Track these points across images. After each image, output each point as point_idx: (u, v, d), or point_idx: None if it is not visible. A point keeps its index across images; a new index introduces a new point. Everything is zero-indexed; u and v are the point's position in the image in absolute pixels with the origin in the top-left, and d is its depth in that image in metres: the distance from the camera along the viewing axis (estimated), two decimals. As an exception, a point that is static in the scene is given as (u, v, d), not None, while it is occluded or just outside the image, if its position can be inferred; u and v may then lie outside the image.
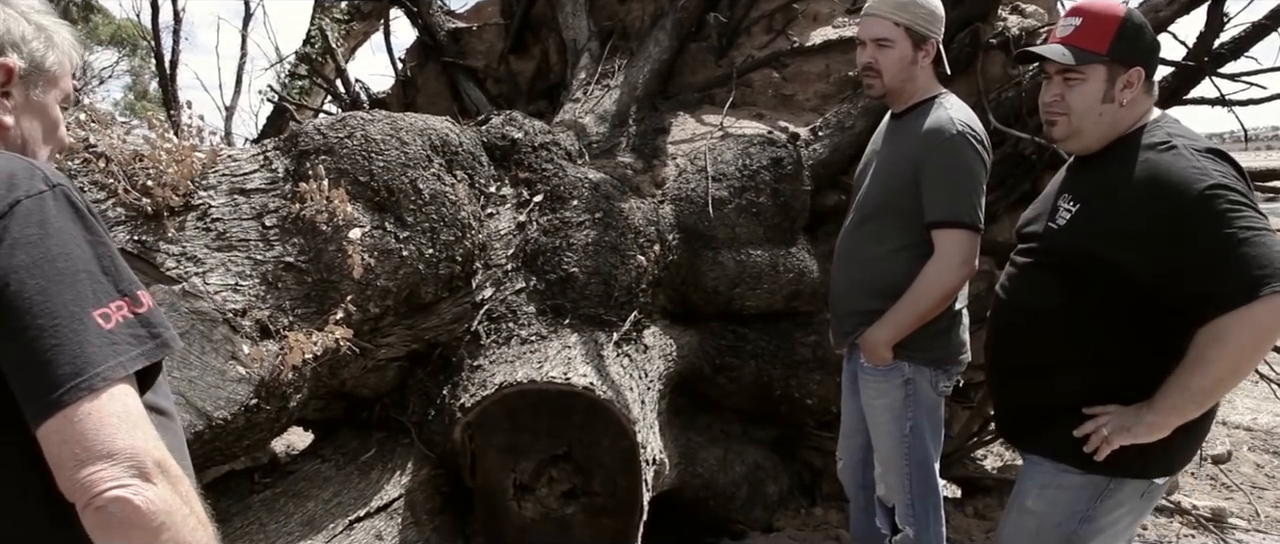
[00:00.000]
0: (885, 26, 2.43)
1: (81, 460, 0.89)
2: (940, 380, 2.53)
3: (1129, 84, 1.86)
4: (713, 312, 3.57)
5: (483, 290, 3.07)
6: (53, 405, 0.90)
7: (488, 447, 2.72)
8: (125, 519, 0.89)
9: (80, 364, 0.91)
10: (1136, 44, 1.86)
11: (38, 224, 0.94)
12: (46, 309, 0.91)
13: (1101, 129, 1.89)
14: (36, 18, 1.13)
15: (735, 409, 3.69)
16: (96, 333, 0.93)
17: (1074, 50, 1.87)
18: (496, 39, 5.35)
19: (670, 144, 3.94)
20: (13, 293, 0.91)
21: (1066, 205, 1.91)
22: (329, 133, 2.75)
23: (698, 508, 3.57)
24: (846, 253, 2.61)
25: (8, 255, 0.92)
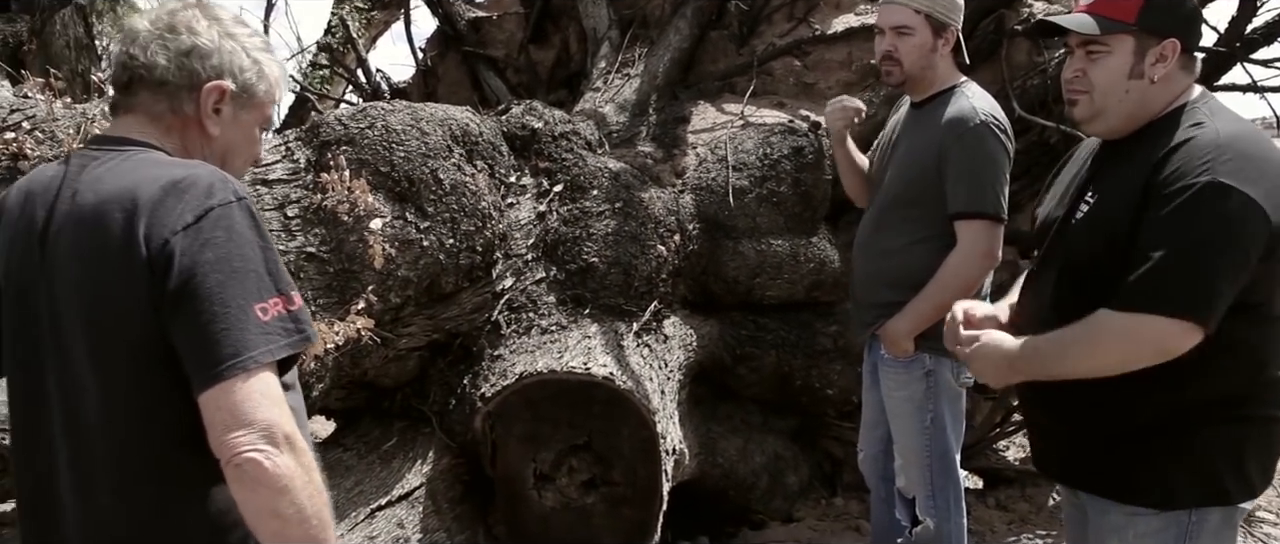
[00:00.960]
0: (905, 14, 2.39)
1: (228, 425, 1.09)
2: (962, 372, 2.48)
3: (1162, 57, 1.61)
4: (733, 301, 3.55)
5: (503, 280, 3.07)
6: (214, 377, 1.10)
7: (508, 436, 2.73)
8: (255, 478, 1.09)
9: (239, 347, 1.11)
10: (1172, 12, 1.61)
11: (225, 228, 1.15)
12: (221, 299, 1.12)
13: (1128, 108, 1.64)
14: (255, 53, 1.35)
15: (755, 399, 3.68)
16: (255, 323, 1.13)
17: (1099, 19, 1.62)
18: (517, 28, 5.34)
19: (690, 133, 3.92)
20: (197, 282, 1.12)
21: (1088, 199, 1.68)
22: (350, 123, 2.76)
23: (718, 498, 3.57)
24: (867, 243, 2.58)
25: (199, 251, 1.13)
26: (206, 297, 1.12)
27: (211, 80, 1.31)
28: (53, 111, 2.39)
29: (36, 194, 1.27)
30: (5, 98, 2.40)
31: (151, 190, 1.16)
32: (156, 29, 1.30)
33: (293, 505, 1.11)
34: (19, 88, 2.54)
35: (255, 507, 1.12)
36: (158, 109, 1.30)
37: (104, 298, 1.17)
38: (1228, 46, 3.78)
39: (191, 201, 1.15)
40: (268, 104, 1.39)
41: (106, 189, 1.19)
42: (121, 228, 1.15)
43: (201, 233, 1.14)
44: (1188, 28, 1.64)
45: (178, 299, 1.12)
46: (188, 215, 1.14)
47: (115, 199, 1.17)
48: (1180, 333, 1.48)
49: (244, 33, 1.36)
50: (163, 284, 1.13)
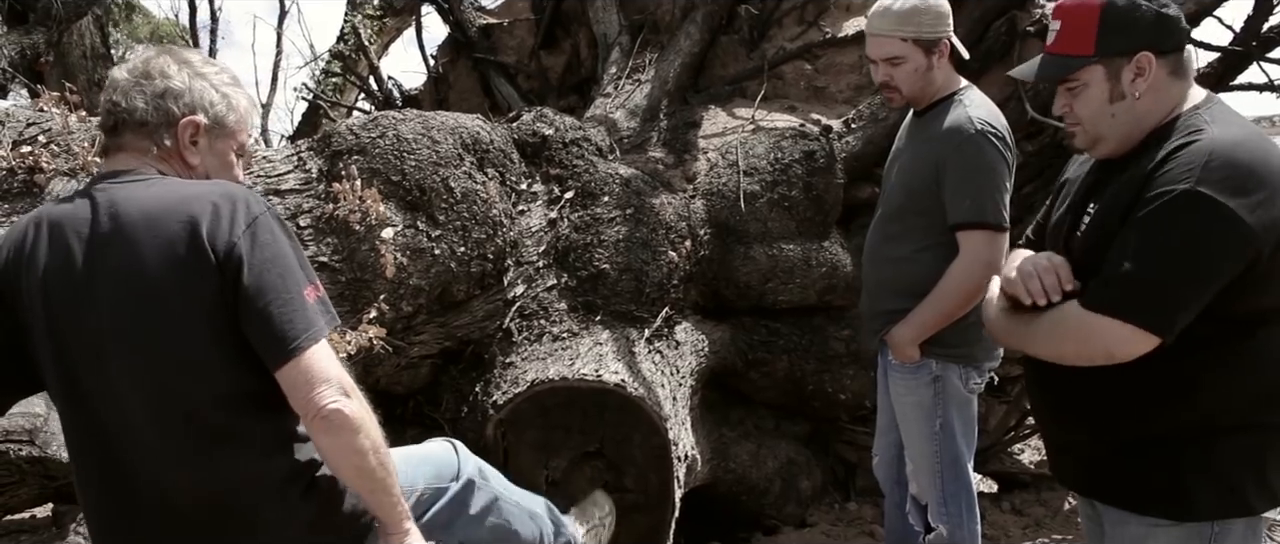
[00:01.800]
0: (893, 45, 2.35)
1: (312, 384, 1.35)
2: (971, 377, 2.48)
3: (1138, 72, 1.58)
4: (745, 307, 3.55)
5: (514, 287, 3.08)
6: (293, 351, 1.34)
7: (520, 443, 2.73)
8: (340, 424, 1.35)
9: (307, 324, 1.36)
10: (1130, 29, 1.58)
11: (269, 232, 1.38)
12: (283, 289, 1.36)
13: (1124, 129, 1.63)
14: (223, 88, 1.53)
15: (768, 404, 3.67)
16: (311, 306, 1.38)
17: (1060, 59, 1.64)
18: (527, 34, 5.37)
19: (701, 138, 3.92)
20: (261, 278, 1.35)
21: (1090, 210, 1.66)
22: (361, 133, 2.77)
23: (730, 503, 3.56)
24: (873, 252, 2.59)
25: (256, 253, 1.35)
26: (272, 289, 1.35)
27: (185, 116, 1.49)
28: (68, 125, 2.41)
29: (63, 221, 1.41)
30: (22, 112, 2.42)
31: (203, 204, 1.36)
32: (133, 77, 1.49)
33: (368, 439, 1.38)
34: (36, 101, 2.57)
35: (340, 447, 1.38)
36: (142, 145, 1.48)
37: (170, 295, 1.35)
38: (1243, 46, 3.74)
39: (240, 213, 1.37)
40: (239, 132, 1.57)
41: (149, 206, 1.38)
42: (183, 236, 1.34)
43: (255, 238, 1.36)
44: (1157, 34, 1.58)
45: (248, 293, 1.34)
46: (241, 224, 1.36)
47: (167, 212, 1.36)
48: (1131, 338, 1.49)
49: (212, 71, 1.54)
50: (233, 280, 1.34)
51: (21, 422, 2.08)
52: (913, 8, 2.32)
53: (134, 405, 1.38)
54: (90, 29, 8.25)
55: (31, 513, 2.67)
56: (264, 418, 1.42)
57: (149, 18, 16.24)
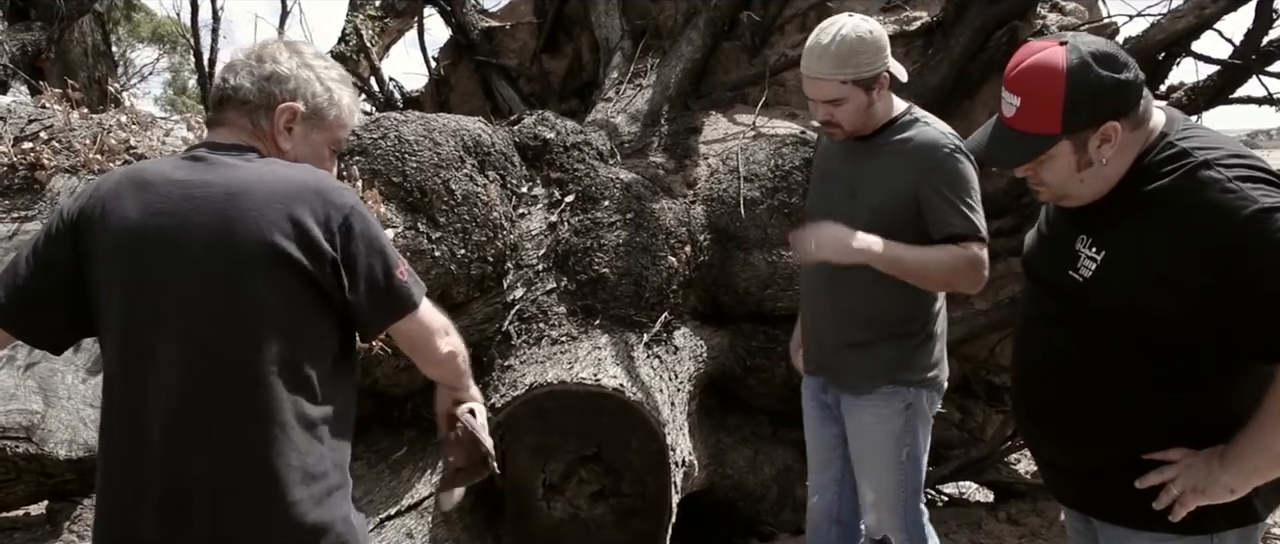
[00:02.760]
0: (833, 88, 2.25)
1: (433, 332, 1.61)
2: (936, 401, 2.45)
3: (1105, 140, 1.55)
4: (744, 312, 3.55)
5: (514, 291, 3.08)
6: (407, 310, 1.53)
7: (518, 447, 2.73)
8: (449, 358, 1.69)
9: (415, 292, 1.55)
10: (1097, 103, 1.53)
11: (363, 216, 1.48)
12: (387, 265, 1.49)
13: (1092, 188, 1.61)
14: (329, 82, 1.58)
15: (765, 410, 3.67)
16: (406, 280, 1.53)
17: (1024, 138, 1.58)
18: (529, 38, 5.37)
19: (702, 144, 3.92)
20: (365, 253, 1.47)
21: (1088, 251, 1.63)
22: (363, 134, 2.77)
23: (727, 509, 3.56)
24: (831, 281, 2.39)
25: (360, 233, 1.46)
26: (369, 270, 1.47)
27: (284, 101, 1.53)
28: (70, 122, 2.41)
29: (156, 183, 1.45)
30: (24, 108, 2.42)
31: (306, 190, 1.44)
32: (247, 58, 1.55)
33: (465, 362, 1.74)
34: (37, 97, 2.57)
35: (450, 371, 1.71)
36: (241, 122, 1.53)
37: (259, 268, 1.40)
38: (1243, 59, 3.76)
39: (343, 197, 1.47)
40: (338, 127, 1.62)
41: (249, 180, 1.43)
42: (286, 216, 1.40)
43: (357, 220, 1.46)
44: (1122, 102, 1.54)
45: (359, 268, 1.46)
46: (346, 207, 1.46)
47: (272, 188, 1.43)
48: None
49: (321, 65, 1.59)
50: (341, 253, 1.43)
51: (19, 418, 2.07)
52: (850, 49, 2.20)
53: (180, 373, 1.40)
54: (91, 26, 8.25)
55: (26, 511, 2.66)
56: (313, 403, 1.46)
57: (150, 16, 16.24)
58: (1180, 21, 3.71)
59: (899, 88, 2.38)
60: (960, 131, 4.19)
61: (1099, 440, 1.67)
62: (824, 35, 2.25)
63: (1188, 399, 1.57)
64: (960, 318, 3.97)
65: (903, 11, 4.44)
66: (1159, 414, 1.60)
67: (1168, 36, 3.76)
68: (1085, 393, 1.67)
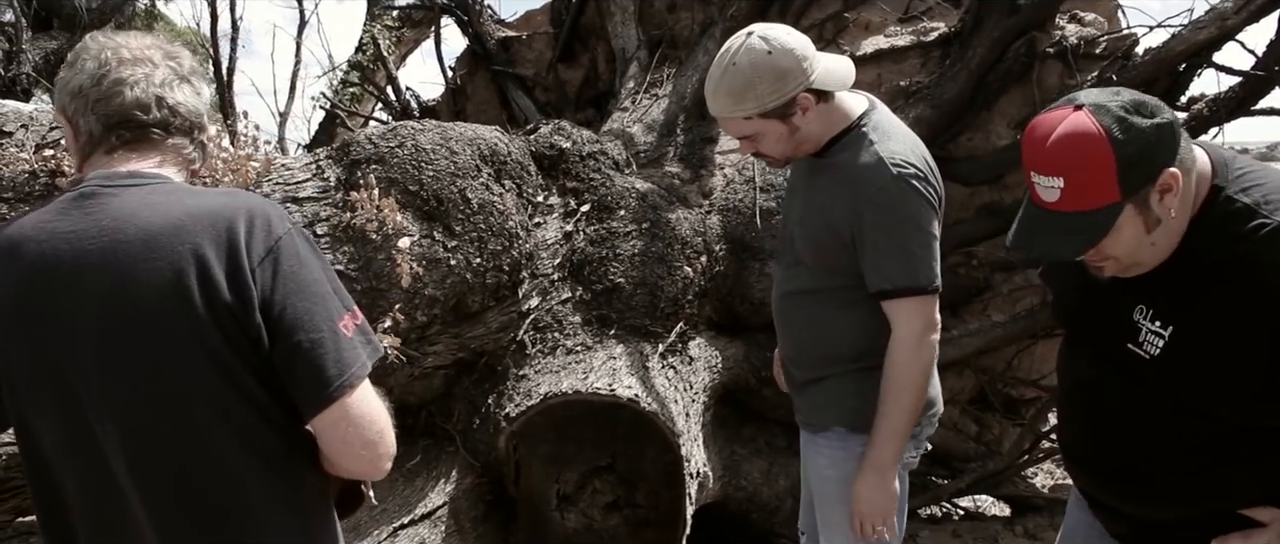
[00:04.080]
0: (737, 126, 1.97)
1: (349, 440, 1.22)
2: (908, 449, 2.07)
3: (1166, 189, 1.40)
4: (759, 323, 3.53)
5: (529, 300, 3.07)
6: (327, 399, 1.19)
7: (532, 456, 2.72)
8: (375, 475, 1.28)
9: (341, 367, 1.20)
10: (1150, 154, 1.38)
11: (293, 256, 1.21)
12: (312, 324, 1.19)
13: (1163, 250, 1.47)
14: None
15: (780, 422, 3.64)
16: (345, 341, 1.21)
17: (1083, 218, 1.41)
18: (546, 48, 5.39)
19: (718, 154, 3.92)
20: (287, 313, 1.18)
21: (1150, 326, 1.49)
22: (380, 142, 2.78)
23: (741, 521, 3.53)
24: (787, 310, 2.19)
25: (279, 283, 1.19)
26: (298, 325, 1.18)
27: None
28: (90, 129, 2.42)
29: (40, 236, 1.20)
30: (45, 116, 2.44)
31: (212, 224, 1.18)
32: (172, 74, 1.36)
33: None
34: (58, 105, 2.59)
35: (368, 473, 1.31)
36: (165, 145, 1.33)
37: (159, 336, 1.16)
38: (1265, 70, 3.72)
39: (258, 236, 1.20)
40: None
41: (148, 223, 1.18)
42: (183, 264, 1.15)
43: (279, 265, 1.19)
44: (1171, 149, 1.40)
45: (274, 331, 1.18)
46: (259, 249, 1.19)
47: (167, 232, 1.17)
48: None
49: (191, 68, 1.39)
50: (244, 320, 1.17)
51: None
52: (745, 83, 1.89)
53: (122, 462, 1.20)
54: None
55: (43, 515, 2.67)
56: (273, 483, 1.25)
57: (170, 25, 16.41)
58: (1202, 32, 3.68)
59: (906, 96, 2.16)
60: (978, 143, 4.21)
61: (1174, 500, 1.56)
62: (717, 65, 1.93)
63: (1269, 467, 1.45)
64: (976, 330, 3.95)
65: (920, 22, 4.42)
66: (1241, 480, 1.48)
67: (1189, 47, 3.73)
68: (1160, 460, 1.54)
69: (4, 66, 6.38)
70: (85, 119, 1.27)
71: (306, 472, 1.30)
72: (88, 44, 1.30)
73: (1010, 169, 4.08)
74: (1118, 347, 1.54)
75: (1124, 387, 1.57)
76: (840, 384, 2.07)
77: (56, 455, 1.23)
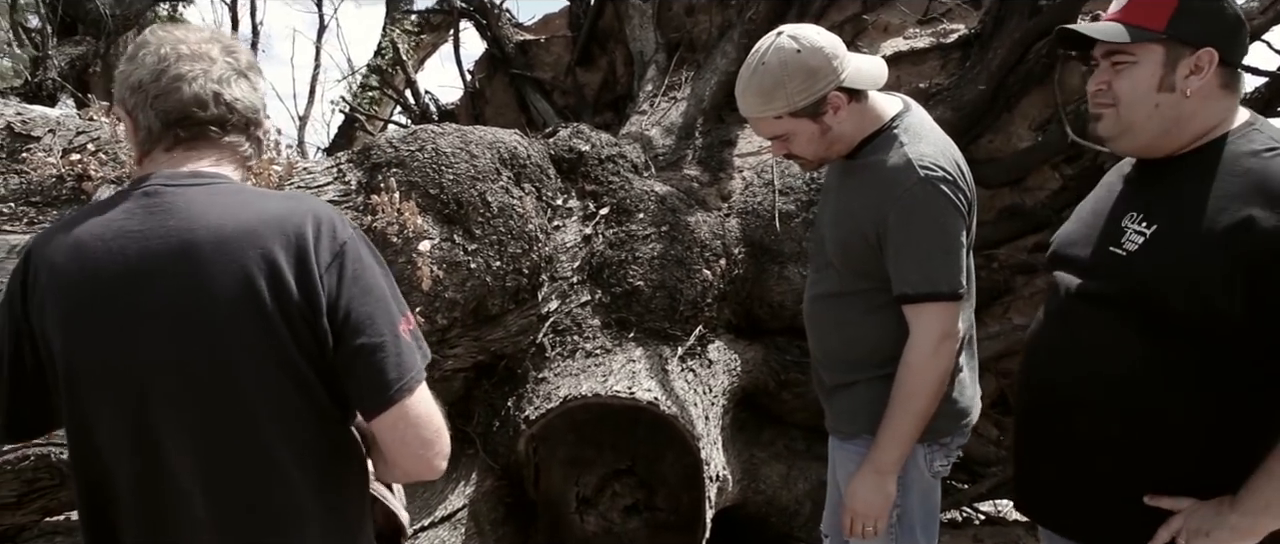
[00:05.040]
0: (768, 126, 1.97)
1: (410, 442, 1.23)
2: (936, 458, 2.06)
3: (1196, 69, 1.45)
4: (778, 326, 3.52)
5: (548, 303, 3.08)
6: (388, 401, 1.21)
7: (551, 459, 2.73)
8: (434, 474, 1.28)
9: (403, 370, 1.22)
10: (1207, 20, 1.45)
11: (357, 260, 1.23)
12: (376, 328, 1.21)
13: (1160, 124, 1.50)
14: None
15: (799, 425, 3.63)
16: (407, 344, 1.23)
17: (1126, 27, 1.49)
18: (564, 51, 5.40)
19: (737, 157, 3.91)
20: (352, 316, 1.21)
21: (1136, 226, 1.50)
22: (401, 146, 2.79)
23: (760, 524, 3.52)
24: (816, 314, 2.17)
25: (346, 289, 1.21)
26: (361, 328, 1.20)
27: (267, 114, 1.38)
28: (116, 134, 2.46)
29: (105, 234, 1.22)
30: (72, 120, 2.47)
31: (281, 228, 1.20)
32: (231, 68, 1.34)
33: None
34: (84, 110, 2.62)
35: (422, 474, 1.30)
36: (221, 143, 1.32)
37: (229, 335, 1.18)
38: (1292, 71, 3.68)
39: (325, 240, 1.22)
40: None
41: (218, 224, 1.19)
42: (253, 266, 1.17)
43: (345, 268, 1.21)
44: (1228, 39, 1.47)
45: (339, 333, 1.20)
46: (326, 254, 1.21)
47: (237, 234, 1.18)
48: None
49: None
50: (311, 321, 1.19)
51: (64, 425, 2.11)
52: (775, 82, 1.88)
53: (187, 464, 1.22)
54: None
55: (66, 516, 2.71)
56: (328, 489, 1.28)
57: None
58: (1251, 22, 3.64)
59: (925, 99, 2.13)
60: (999, 145, 4.18)
61: (1112, 449, 1.53)
62: (747, 66, 1.93)
63: (1225, 411, 1.44)
64: (997, 333, 3.92)
65: (940, 24, 4.40)
66: (1186, 426, 1.46)
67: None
68: (1105, 389, 1.53)
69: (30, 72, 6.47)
70: (144, 114, 1.27)
71: (355, 480, 1.33)
72: (148, 38, 1.30)
73: (1031, 171, 4.05)
74: (1100, 254, 1.55)
75: (1086, 301, 1.57)
76: (868, 391, 2.03)
77: (112, 455, 1.23)
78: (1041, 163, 4.03)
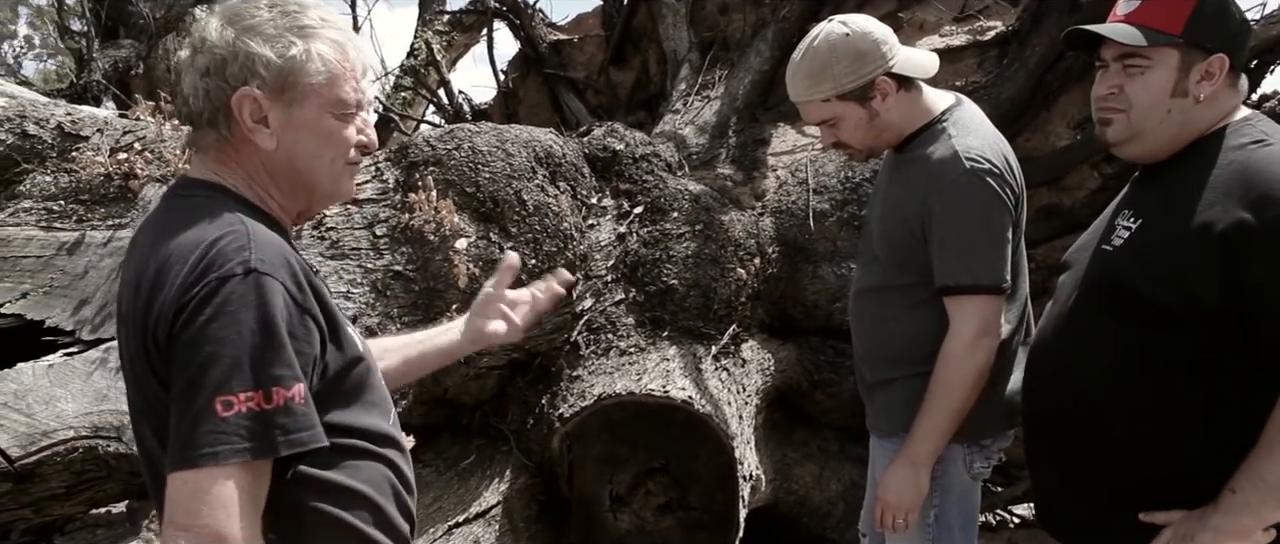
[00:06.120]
0: (816, 109, 1.97)
1: (172, 521, 1.03)
2: (976, 460, 2.04)
3: (1208, 74, 1.45)
4: (812, 326, 3.51)
5: (583, 301, 3.09)
6: (171, 464, 1.04)
7: (585, 457, 2.74)
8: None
9: (186, 445, 1.03)
10: (1221, 24, 1.46)
11: (214, 307, 1.05)
12: (192, 384, 1.04)
13: (1170, 130, 1.48)
14: (284, 32, 1.18)
15: (832, 426, 3.61)
16: (212, 419, 1.03)
17: (1141, 30, 1.47)
18: (597, 50, 5.41)
19: (771, 156, 3.90)
20: (177, 364, 1.06)
21: (1125, 222, 1.51)
22: (438, 145, 2.82)
23: (792, 525, 3.51)
24: (860, 310, 2.16)
25: (188, 333, 1.05)
26: (179, 379, 1.06)
27: (236, 90, 1.15)
28: (161, 133, 2.51)
29: (137, 242, 1.24)
30: (119, 120, 2.53)
31: (163, 259, 1.09)
32: (186, 55, 1.19)
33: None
34: (130, 110, 2.68)
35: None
36: (206, 142, 1.19)
37: (134, 368, 1.16)
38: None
39: (188, 274, 1.07)
40: (331, 85, 1.19)
41: (149, 247, 1.15)
42: (145, 297, 1.10)
43: (196, 310, 1.05)
44: (1237, 43, 1.48)
45: (171, 379, 1.07)
46: (190, 291, 1.06)
47: (148, 263, 1.12)
48: None
49: (266, 17, 1.17)
50: (164, 360, 1.08)
51: (110, 418, 2.15)
52: (823, 64, 1.91)
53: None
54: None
55: (108, 508, 2.76)
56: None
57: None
58: (1274, 28, 3.57)
59: (964, 93, 2.15)
60: (1036, 144, 4.12)
61: (1101, 450, 1.51)
62: (798, 50, 1.97)
63: (1214, 407, 1.41)
64: (1036, 334, 3.87)
65: (976, 21, 4.35)
66: (1174, 424, 1.43)
67: (1261, 44, 3.61)
68: (1090, 387, 1.51)
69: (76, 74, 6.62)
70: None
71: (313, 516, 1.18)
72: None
73: (1070, 170, 3.99)
74: (1092, 254, 1.55)
75: (1078, 303, 1.56)
76: (907, 389, 2.01)
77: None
78: (1080, 162, 3.98)
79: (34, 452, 2.06)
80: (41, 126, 2.44)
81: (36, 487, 2.12)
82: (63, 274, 2.27)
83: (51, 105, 2.60)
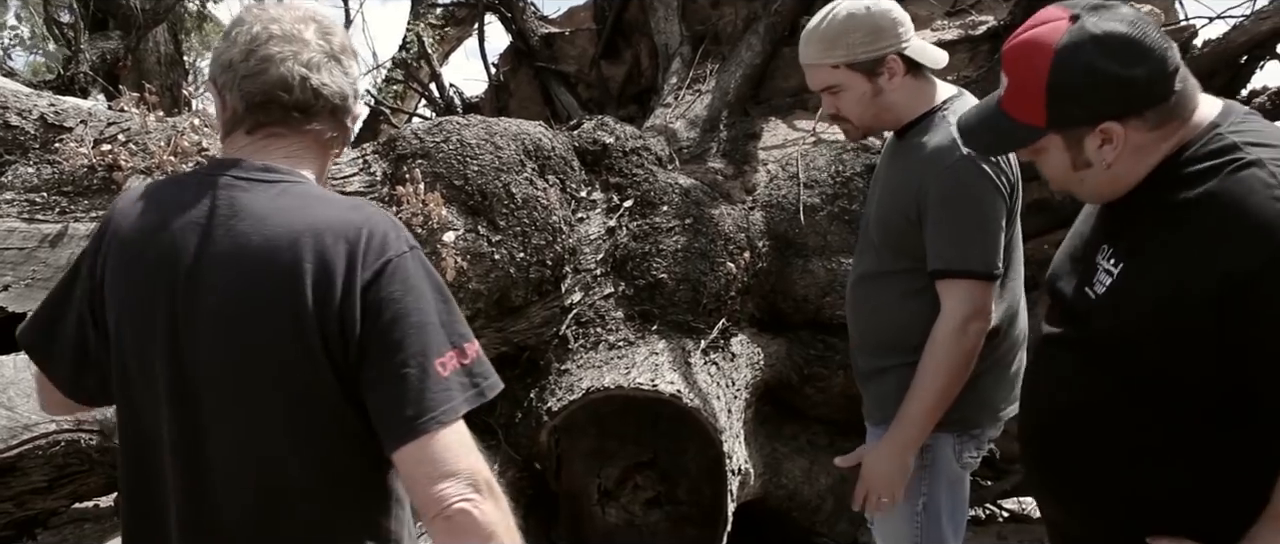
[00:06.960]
0: (823, 74, 1.99)
1: (432, 477, 1.10)
2: (966, 449, 2.04)
3: (1106, 141, 1.29)
4: (802, 320, 3.51)
5: (572, 294, 3.09)
6: (409, 433, 1.11)
7: (574, 451, 2.73)
8: (465, 528, 1.10)
9: (422, 408, 1.11)
10: (1088, 98, 1.28)
11: (401, 282, 1.15)
12: (402, 357, 1.12)
13: (1098, 189, 1.38)
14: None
15: (822, 420, 3.62)
16: (435, 379, 1.12)
17: (1010, 124, 1.36)
18: (588, 44, 5.40)
19: (761, 150, 3.90)
20: (382, 339, 1.13)
21: (1105, 264, 1.37)
22: (426, 137, 2.80)
23: (782, 519, 3.51)
24: (854, 299, 2.17)
25: (381, 309, 1.13)
26: (387, 354, 1.12)
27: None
28: (146, 125, 2.48)
29: (173, 216, 1.21)
30: (103, 112, 2.50)
31: (329, 239, 1.14)
32: (321, 50, 1.27)
33: None
34: (115, 102, 2.66)
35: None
36: (303, 131, 1.27)
37: (267, 345, 1.15)
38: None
39: (365, 254, 1.14)
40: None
41: (273, 231, 1.16)
42: (298, 276, 1.13)
43: (381, 288, 1.13)
44: (1124, 102, 1.27)
45: (364, 356, 1.13)
46: (368, 271, 1.13)
47: (288, 243, 1.14)
48: None
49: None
50: (345, 340, 1.13)
51: (94, 412, 2.14)
52: (840, 29, 1.93)
53: (178, 466, 1.20)
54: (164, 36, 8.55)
55: (96, 502, 2.75)
56: (352, 505, 1.23)
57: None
58: (1265, 23, 3.57)
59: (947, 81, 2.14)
60: (1027, 138, 4.11)
61: (1096, 500, 1.44)
62: (816, 16, 2.00)
63: (1201, 460, 1.31)
64: (1025, 329, 3.88)
65: (968, 15, 4.35)
66: (1161, 478, 1.34)
67: (1251, 39, 3.62)
68: (1087, 440, 1.42)
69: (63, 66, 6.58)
70: (231, 94, 1.25)
71: (376, 506, 1.25)
72: (244, 16, 1.27)
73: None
74: (1077, 294, 1.43)
75: (1067, 344, 1.46)
76: (897, 378, 2.00)
77: (153, 445, 1.23)
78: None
79: (15, 445, 2.04)
80: (24, 118, 2.42)
81: (18, 480, 2.10)
82: (45, 266, 2.25)
83: (35, 96, 2.58)
